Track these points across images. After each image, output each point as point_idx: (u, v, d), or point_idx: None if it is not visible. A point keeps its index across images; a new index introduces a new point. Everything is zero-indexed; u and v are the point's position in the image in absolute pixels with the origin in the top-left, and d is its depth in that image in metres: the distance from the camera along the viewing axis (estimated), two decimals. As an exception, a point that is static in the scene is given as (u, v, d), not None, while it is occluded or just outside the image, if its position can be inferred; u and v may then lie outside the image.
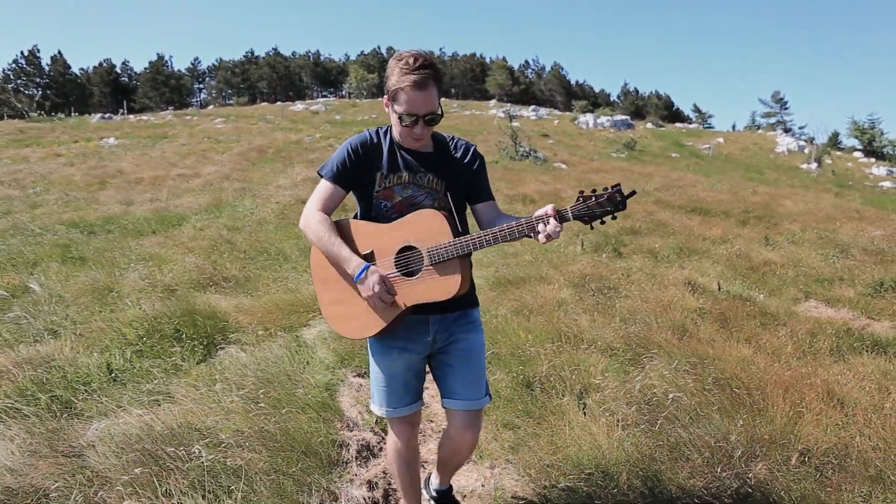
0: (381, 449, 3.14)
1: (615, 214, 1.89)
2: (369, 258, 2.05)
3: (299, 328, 4.93)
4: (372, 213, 2.13)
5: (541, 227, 1.86)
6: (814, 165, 36.26)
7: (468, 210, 2.25)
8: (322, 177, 2.15)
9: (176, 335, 4.66)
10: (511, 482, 2.73)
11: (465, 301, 2.16)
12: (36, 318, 5.35)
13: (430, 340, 2.15)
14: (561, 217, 1.86)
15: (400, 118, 1.99)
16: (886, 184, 32.44)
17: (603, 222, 1.89)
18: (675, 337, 4.39)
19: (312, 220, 2.09)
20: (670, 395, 3.17)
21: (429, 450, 3.17)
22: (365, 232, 2.09)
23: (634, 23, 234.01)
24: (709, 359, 3.88)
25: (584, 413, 3.14)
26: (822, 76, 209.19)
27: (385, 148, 2.13)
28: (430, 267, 1.97)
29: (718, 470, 2.68)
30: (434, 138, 2.20)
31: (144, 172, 19.16)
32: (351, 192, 2.19)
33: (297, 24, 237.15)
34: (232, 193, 14.59)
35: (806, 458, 2.77)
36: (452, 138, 2.26)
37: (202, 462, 2.61)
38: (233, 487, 2.49)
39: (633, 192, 1.94)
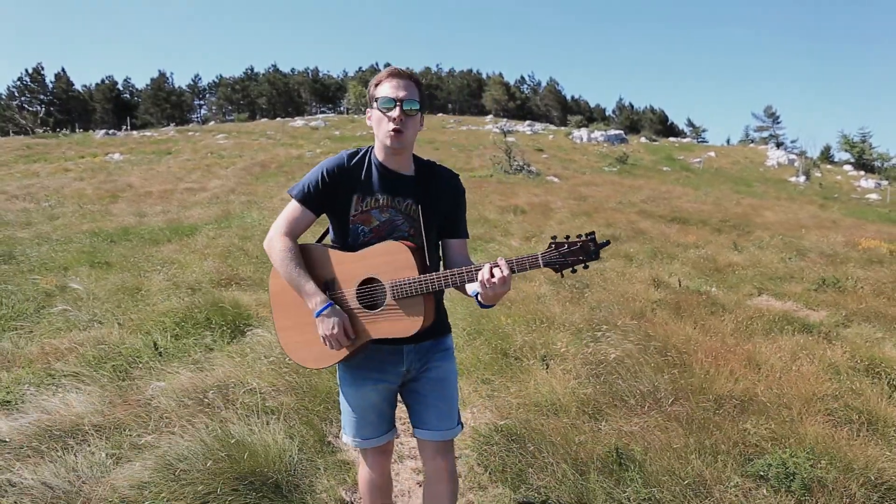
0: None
1: (587, 264, 1.82)
2: (330, 285, 2.00)
3: (312, 317, 5.71)
4: (348, 238, 2.03)
5: (481, 274, 1.82)
6: (802, 178, 37.16)
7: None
8: (292, 197, 2.06)
9: (207, 322, 5.42)
10: (486, 418, 3.50)
11: (438, 329, 2.12)
12: (80, 310, 6.12)
13: (403, 370, 2.09)
14: (508, 267, 1.81)
15: (378, 108, 1.95)
16: (873, 196, 33.39)
17: (574, 271, 1.82)
18: (633, 321, 5.17)
19: (277, 245, 2.02)
20: (612, 355, 3.96)
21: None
22: (329, 258, 2.02)
23: (631, 38, 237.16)
24: (656, 335, 4.66)
25: (547, 370, 3.92)
26: (826, 87, 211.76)
27: (364, 169, 2.04)
28: (393, 301, 1.92)
29: (646, 408, 3.46)
30: (416, 162, 2.10)
31: (153, 186, 19.96)
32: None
33: (296, 41, 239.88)
34: (239, 206, 15.40)
35: (717, 402, 3.55)
36: (435, 164, 2.14)
37: (247, 402, 3.38)
38: (271, 420, 3.25)
39: (607, 242, 1.86)
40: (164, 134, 44.31)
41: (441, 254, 2.16)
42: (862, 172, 47.23)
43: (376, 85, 1.97)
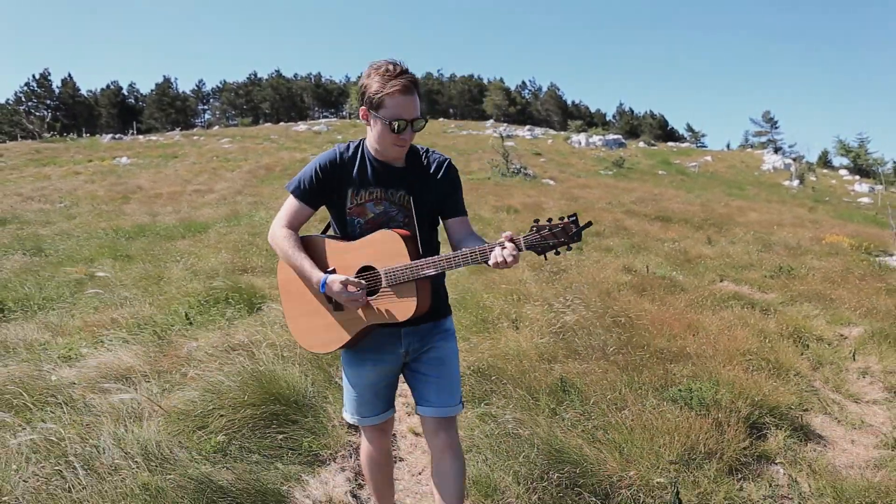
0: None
1: (570, 246, 1.84)
2: (331, 274, 2.07)
3: (319, 297, 6.47)
4: (347, 229, 2.14)
5: (494, 252, 1.87)
6: (796, 182, 37.80)
7: (440, 226, 2.24)
8: (289, 192, 2.16)
9: (227, 300, 6.19)
10: (463, 367, 4.26)
11: (437, 312, 2.19)
12: (111, 293, 6.89)
13: (402, 352, 2.17)
14: (515, 245, 1.85)
15: (389, 125, 1.97)
16: (865, 199, 34.11)
17: (557, 253, 1.85)
18: (599, 298, 5.93)
19: (278, 234, 2.14)
20: (571, 319, 4.73)
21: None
22: (330, 248, 2.13)
23: (632, 44, 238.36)
24: (615, 307, 5.42)
25: (517, 330, 4.69)
26: (828, 93, 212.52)
27: (357, 163, 2.11)
28: (388, 288, 2.00)
29: (593, 359, 4.22)
30: (408, 151, 2.14)
31: (162, 188, 20.79)
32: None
33: (299, 47, 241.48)
34: (246, 206, 16.21)
35: (653, 354, 4.31)
36: (426, 151, 2.19)
37: (268, 352, 4.15)
38: (291, 365, 4.02)
39: (589, 223, 1.88)
40: (170, 138, 45.26)
41: (447, 235, 2.20)
42: (857, 177, 47.83)
43: (385, 95, 1.94)
